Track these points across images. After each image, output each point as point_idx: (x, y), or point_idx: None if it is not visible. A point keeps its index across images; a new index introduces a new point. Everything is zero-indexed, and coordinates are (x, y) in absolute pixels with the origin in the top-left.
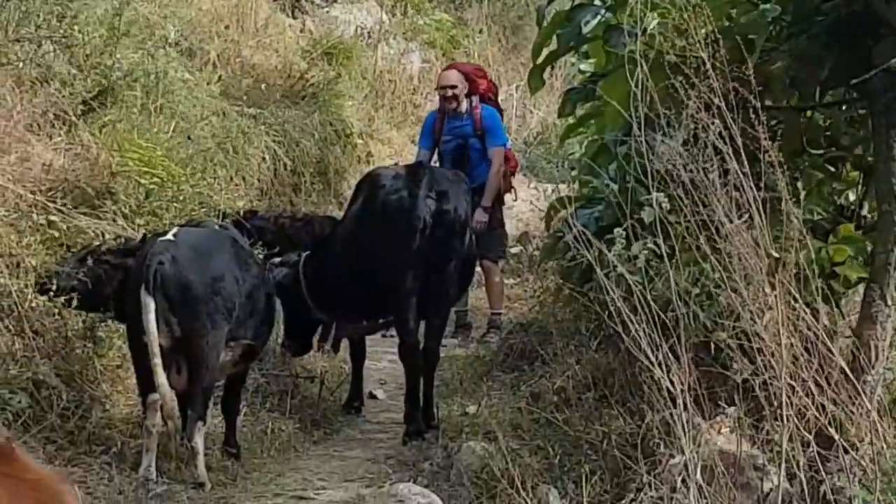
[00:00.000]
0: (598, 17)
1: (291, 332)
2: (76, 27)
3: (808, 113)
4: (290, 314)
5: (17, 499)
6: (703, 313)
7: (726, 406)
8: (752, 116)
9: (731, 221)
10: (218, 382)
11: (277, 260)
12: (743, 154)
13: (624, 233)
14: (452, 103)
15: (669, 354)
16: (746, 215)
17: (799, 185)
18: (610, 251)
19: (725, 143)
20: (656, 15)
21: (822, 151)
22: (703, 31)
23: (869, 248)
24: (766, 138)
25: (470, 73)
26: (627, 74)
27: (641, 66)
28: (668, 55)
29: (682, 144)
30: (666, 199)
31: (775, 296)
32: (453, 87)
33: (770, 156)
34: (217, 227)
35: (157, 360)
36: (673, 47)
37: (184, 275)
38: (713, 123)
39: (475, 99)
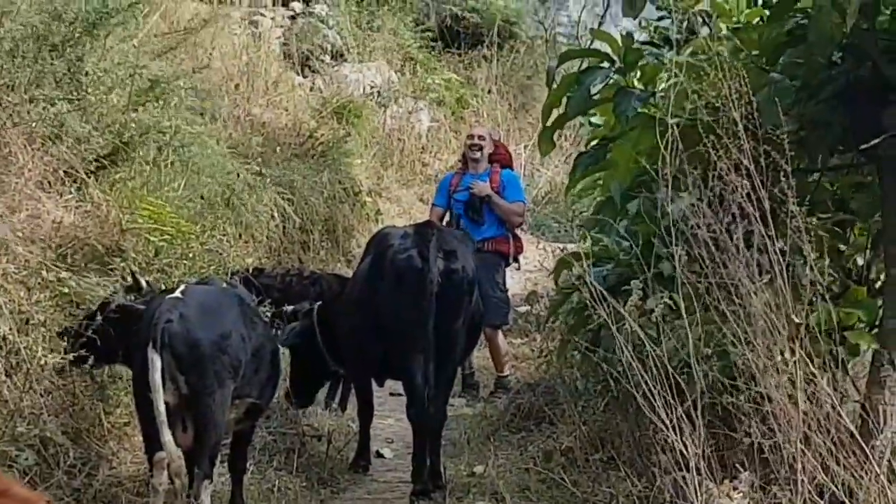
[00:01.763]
0: (608, 79)
1: (300, 382)
2: (90, 88)
3: (816, 176)
4: (303, 364)
5: None
6: (717, 374)
7: (737, 469)
8: (783, 179)
9: (752, 282)
10: (224, 440)
11: (290, 308)
12: (769, 217)
13: (641, 284)
14: (476, 153)
15: (683, 417)
16: (767, 276)
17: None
18: (623, 306)
19: (752, 205)
20: (665, 77)
21: (829, 215)
22: (731, 93)
23: (879, 311)
24: (794, 203)
25: (498, 143)
26: (639, 136)
27: (672, 129)
28: (696, 116)
29: (706, 204)
30: (685, 254)
31: (795, 361)
32: (482, 137)
33: (797, 220)
34: (225, 284)
35: (163, 418)
36: (700, 108)
37: (191, 333)
38: (742, 185)
39: (496, 166)
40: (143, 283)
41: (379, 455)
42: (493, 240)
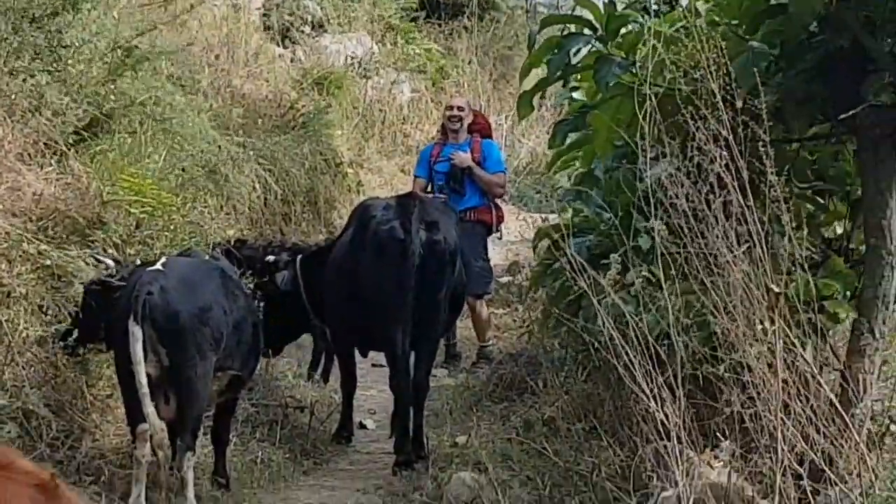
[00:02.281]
0: (589, 46)
1: (276, 330)
2: (70, 60)
3: (795, 146)
4: (283, 313)
5: None
6: (697, 344)
7: (718, 438)
8: (762, 150)
9: (731, 252)
10: (207, 413)
11: (271, 258)
12: (748, 187)
13: (619, 259)
14: (456, 124)
15: (664, 386)
16: (746, 247)
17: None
18: (604, 278)
19: (731, 176)
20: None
21: (809, 185)
22: (708, 63)
23: (857, 282)
24: (773, 172)
25: (476, 112)
26: (619, 105)
27: (650, 98)
28: (674, 86)
29: (684, 174)
30: (664, 227)
31: (774, 330)
32: (461, 108)
33: (775, 190)
34: (208, 256)
35: (145, 390)
36: (678, 78)
37: (172, 305)
38: (720, 155)
39: (476, 136)
40: (110, 262)
41: (362, 426)
42: (474, 209)
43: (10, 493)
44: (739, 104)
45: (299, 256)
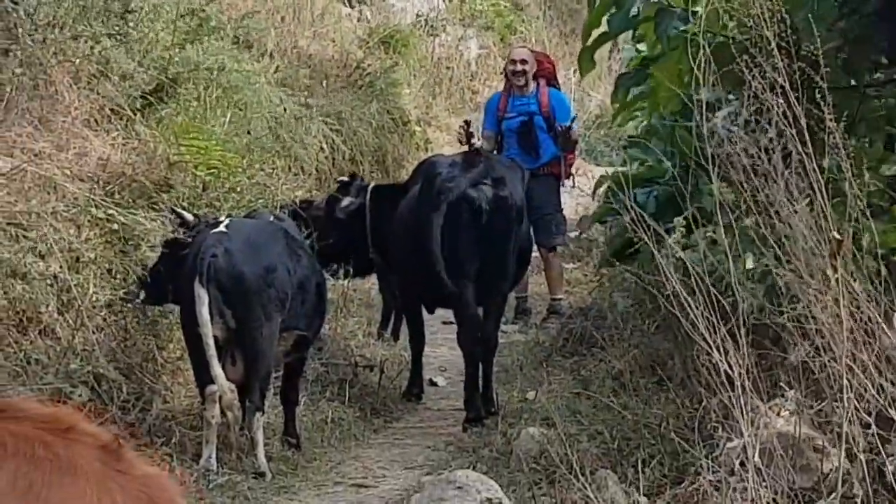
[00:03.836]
0: None
1: (332, 252)
2: (133, 23)
3: (862, 92)
4: (342, 238)
5: (130, 495)
6: (761, 296)
7: (785, 388)
8: (818, 97)
9: (792, 203)
10: (276, 373)
11: (342, 178)
12: (806, 135)
13: (684, 221)
14: (520, 79)
15: (727, 337)
16: (807, 197)
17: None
18: (669, 235)
19: (789, 124)
20: None
21: (875, 130)
22: (767, 11)
23: None
24: (831, 119)
25: (539, 56)
26: (679, 56)
27: (703, 49)
28: (729, 35)
29: (743, 125)
30: (727, 188)
31: (837, 278)
32: (524, 61)
33: (834, 137)
34: (273, 217)
35: (213, 352)
36: (734, 28)
37: (237, 267)
38: (777, 104)
39: (542, 82)
40: (190, 217)
41: (432, 383)
42: (547, 164)
43: (77, 454)
44: (805, 51)
45: (372, 184)
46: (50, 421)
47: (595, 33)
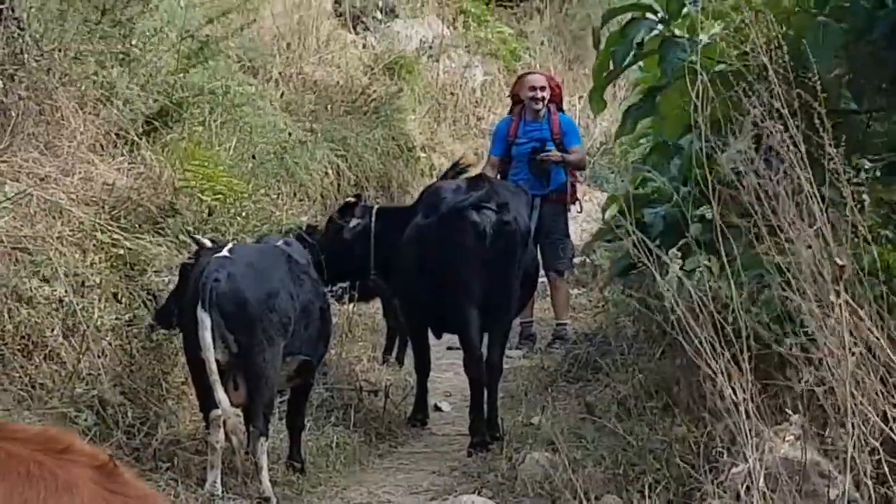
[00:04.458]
0: (653, 31)
1: (333, 270)
2: (140, 49)
3: (865, 118)
4: (345, 257)
5: None
6: (764, 319)
7: (789, 414)
8: (817, 122)
9: (797, 229)
10: (282, 398)
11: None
12: (807, 161)
13: (679, 253)
14: (539, 105)
15: (731, 363)
16: (815, 226)
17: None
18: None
19: (790, 150)
20: (714, 24)
21: (880, 157)
22: (763, 38)
23: None
24: (830, 144)
25: (550, 80)
26: (685, 86)
27: (701, 76)
28: (727, 64)
29: (745, 152)
30: (729, 212)
31: (840, 304)
32: (543, 88)
33: (835, 163)
34: (281, 242)
35: (216, 377)
36: (733, 55)
37: (239, 292)
38: (777, 130)
39: (553, 107)
40: (208, 243)
41: (437, 409)
42: (556, 190)
43: (72, 474)
44: (804, 77)
45: (377, 206)
46: (44, 441)
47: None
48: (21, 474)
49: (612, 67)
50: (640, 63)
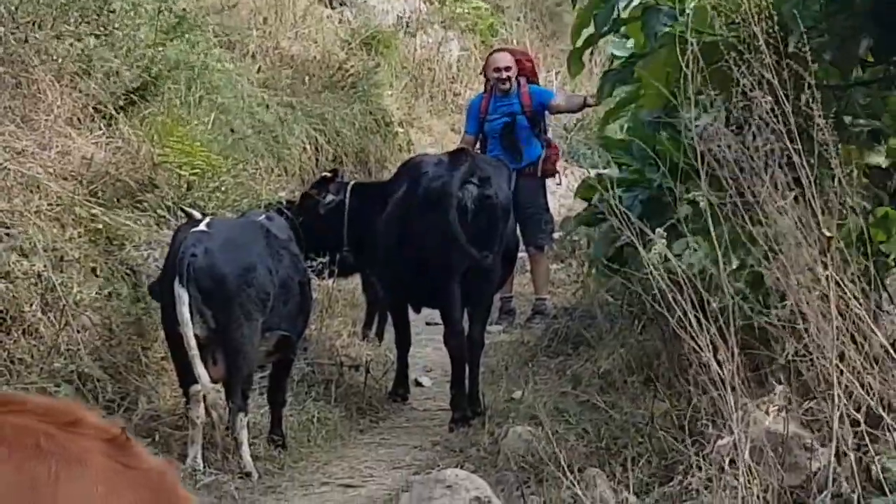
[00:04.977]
0: None
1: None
2: (117, 22)
3: (849, 90)
4: (320, 231)
5: (135, 487)
6: (749, 294)
7: (773, 386)
8: (807, 94)
9: (780, 199)
10: (262, 373)
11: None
12: (796, 131)
13: (664, 233)
14: (506, 84)
15: (716, 336)
16: (796, 193)
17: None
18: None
19: (778, 121)
20: None
21: (861, 127)
22: (751, 8)
23: None
24: (819, 115)
25: (518, 55)
26: (667, 55)
27: (691, 45)
28: (715, 33)
29: (728, 125)
30: (711, 190)
31: (827, 276)
32: (507, 68)
33: (823, 133)
34: (263, 217)
35: (195, 352)
36: (722, 25)
37: (216, 268)
38: (765, 101)
39: (522, 81)
40: (197, 215)
41: (418, 384)
42: (531, 164)
43: (82, 448)
44: (791, 48)
45: (352, 182)
46: (54, 414)
47: (584, 33)
48: (31, 448)
49: (592, 32)
50: (620, 37)
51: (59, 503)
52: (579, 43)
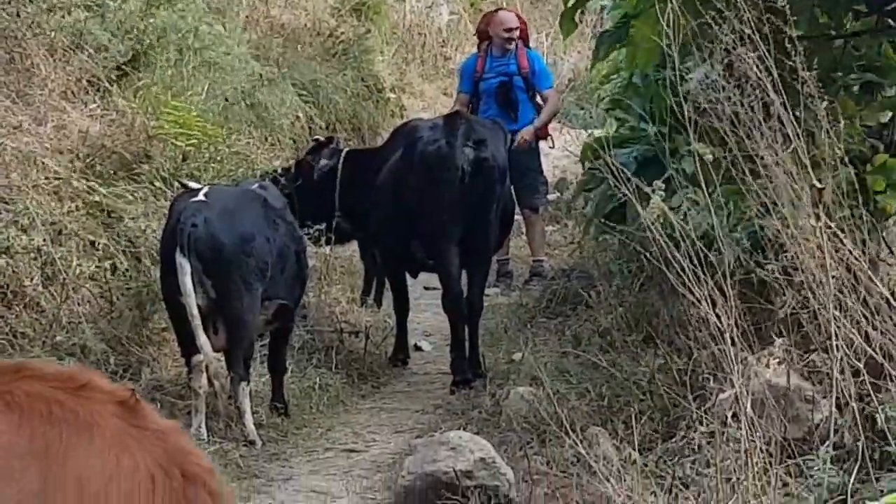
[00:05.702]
0: None
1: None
2: None
3: (841, 42)
4: (312, 197)
5: (146, 448)
6: (745, 245)
7: (773, 339)
8: (788, 47)
9: (775, 153)
10: (262, 341)
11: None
12: (780, 85)
13: (663, 185)
14: (512, 45)
15: (715, 290)
16: (789, 147)
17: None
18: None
19: (762, 75)
20: None
21: (854, 78)
22: None
23: None
24: (803, 68)
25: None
26: (657, 12)
27: (671, 3)
28: None
29: (719, 77)
30: (706, 145)
31: (820, 226)
32: (516, 28)
33: (808, 86)
34: (258, 186)
35: (197, 322)
36: None
37: (216, 237)
38: (748, 55)
39: (520, 43)
40: (197, 187)
41: (417, 348)
42: (527, 126)
43: (93, 412)
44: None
45: (345, 150)
46: (64, 379)
47: None
48: (43, 414)
49: None
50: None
51: (70, 468)
52: (571, 2)
